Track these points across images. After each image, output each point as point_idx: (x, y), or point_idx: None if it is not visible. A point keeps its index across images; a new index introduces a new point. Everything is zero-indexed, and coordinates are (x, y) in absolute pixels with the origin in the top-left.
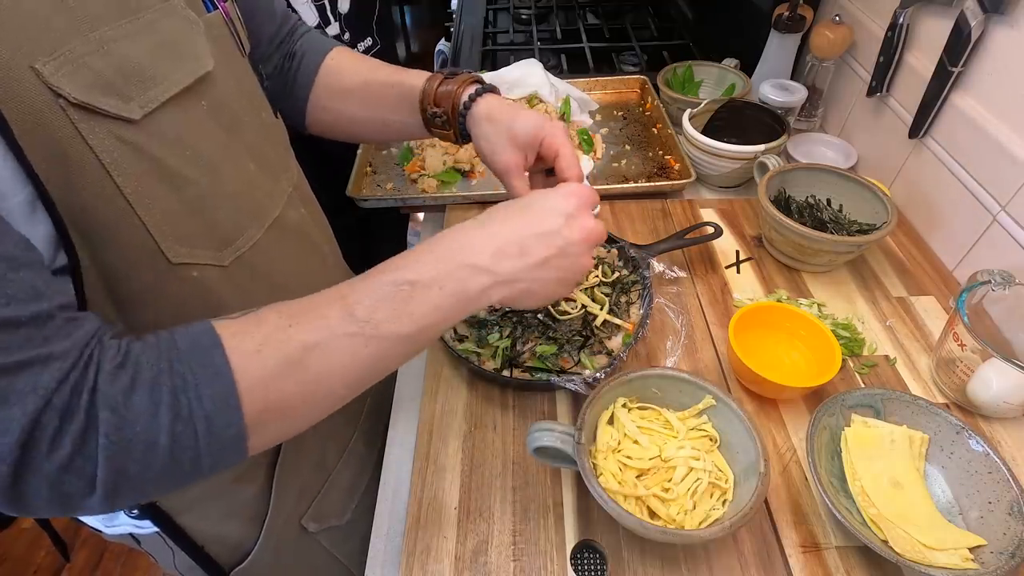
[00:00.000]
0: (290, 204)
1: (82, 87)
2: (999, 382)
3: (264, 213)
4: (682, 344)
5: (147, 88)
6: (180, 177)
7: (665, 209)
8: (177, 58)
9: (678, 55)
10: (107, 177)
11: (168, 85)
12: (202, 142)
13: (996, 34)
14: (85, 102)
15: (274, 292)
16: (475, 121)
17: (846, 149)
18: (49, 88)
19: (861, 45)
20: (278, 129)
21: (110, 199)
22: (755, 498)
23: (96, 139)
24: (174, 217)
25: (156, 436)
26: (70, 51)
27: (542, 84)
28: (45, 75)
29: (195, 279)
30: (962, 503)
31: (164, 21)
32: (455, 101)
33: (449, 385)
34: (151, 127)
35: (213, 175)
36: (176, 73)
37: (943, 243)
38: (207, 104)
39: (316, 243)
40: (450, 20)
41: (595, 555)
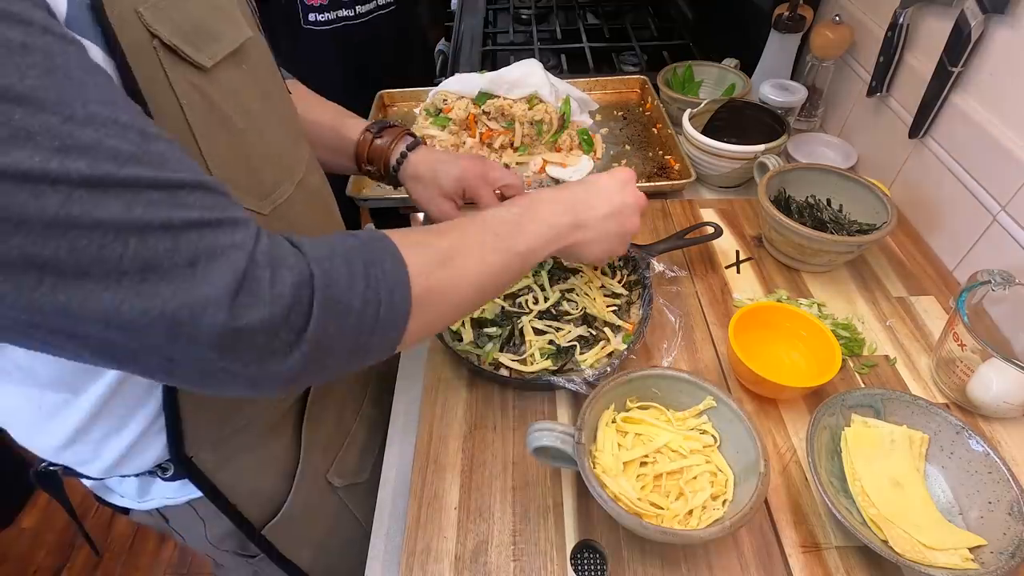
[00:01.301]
0: (310, 169)
1: (170, 32)
2: (999, 382)
3: (294, 172)
4: (682, 344)
5: (211, 42)
6: (235, 128)
7: (665, 209)
8: (228, 21)
9: (678, 55)
10: (183, 117)
11: (225, 43)
12: (249, 99)
13: (996, 34)
14: (174, 44)
15: None
16: (405, 179)
17: (846, 149)
18: (148, 30)
19: (861, 45)
20: (292, 102)
21: (184, 139)
22: (755, 498)
23: (176, 80)
24: (228, 162)
25: (352, 300)
26: (157, 2)
27: (542, 84)
28: (146, 18)
29: None
30: (962, 503)
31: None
32: (386, 161)
33: (449, 385)
34: (216, 77)
35: (258, 130)
36: (230, 34)
37: (943, 243)
38: (247, 68)
39: (331, 209)
40: (450, 20)
41: (595, 555)
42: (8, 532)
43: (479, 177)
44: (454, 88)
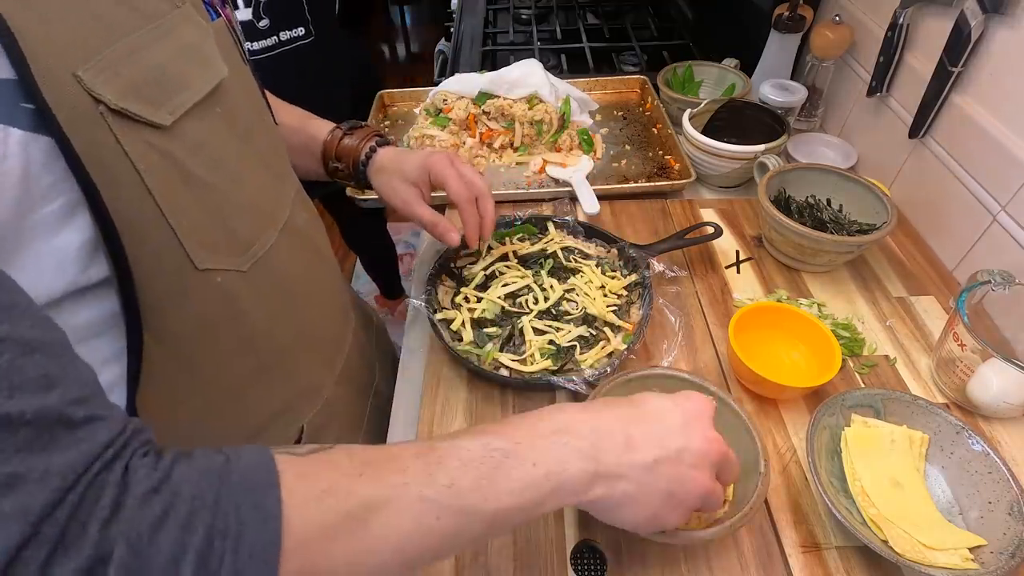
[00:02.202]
0: (295, 209)
1: (118, 93)
2: (999, 382)
3: (276, 218)
4: (682, 344)
5: (173, 95)
6: (204, 183)
7: (665, 209)
8: (197, 64)
9: (678, 55)
10: (140, 183)
11: (192, 92)
12: (221, 149)
13: (996, 34)
14: (122, 108)
15: (288, 296)
16: (372, 174)
17: (846, 149)
18: (90, 95)
19: (861, 45)
20: (279, 136)
21: (143, 205)
22: (755, 498)
23: (131, 146)
24: (199, 223)
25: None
26: (104, 59)
27: (542, 84)
28: (86, 82)
29: (219, 284)
30: (962, 503)
31: (181, 27)
32: (355, 157)
33: (449, 385)
34: (178, 133)
35: (232, 181)
36: (198, 79)
37: (943, 243)
38: (222, 111)
39: (318, 247)
40: (450, 20)
41: (595, 555)
42: None
43: (444, 163)
44: (454, 88)
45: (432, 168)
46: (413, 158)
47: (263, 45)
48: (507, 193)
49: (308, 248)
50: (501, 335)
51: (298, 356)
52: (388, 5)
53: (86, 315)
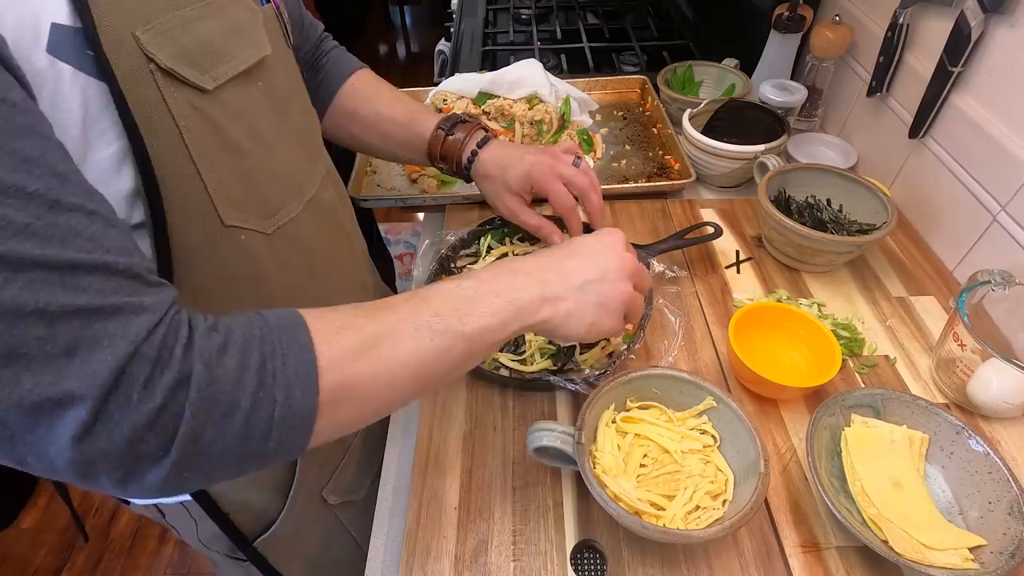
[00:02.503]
0: (323, 186)
1: (170, 56)
2: (999, 382)
3: (303, 190)
4: (682, 344)
5: (218, 63)
6: (238, 148)
7: (665, 209)
8: (243, 40)
9: (678, 55)
10: (180, 140)
11: (236, 63)
12: (258, 120)
13: (996, 34)
14: (172, 68)
15: (309, 265)
16: (477, 179)
17: (846, 149)
18: (144, 54)
19: (861, 45)
20: (315, 118)
21: (180, 161)
22: (755, 498)
23: (175, 104)
24: (230, 183)
25: (239, 399)
26: (161, 24)
27: (542, 84)
28: (143, 42)
29: (243, 242)
30: (962, 503)
31: (232, 8)
32: (458, 158)
33: (449, 385)
34: (220, 98)
35: (266, 150)
36: (242, 53)
37: (943, 243)
38: (263, 85)
39: (343, 223)
40: (450, 20)
41: (595, 555)
42: (8, 532)
43: (547, 173)
44: (454, 88)
45: (536, 183)
46: (516, 167)
47: None
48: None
49: (332, 223)
50: None
51: None
52: (388, 5)
53: None
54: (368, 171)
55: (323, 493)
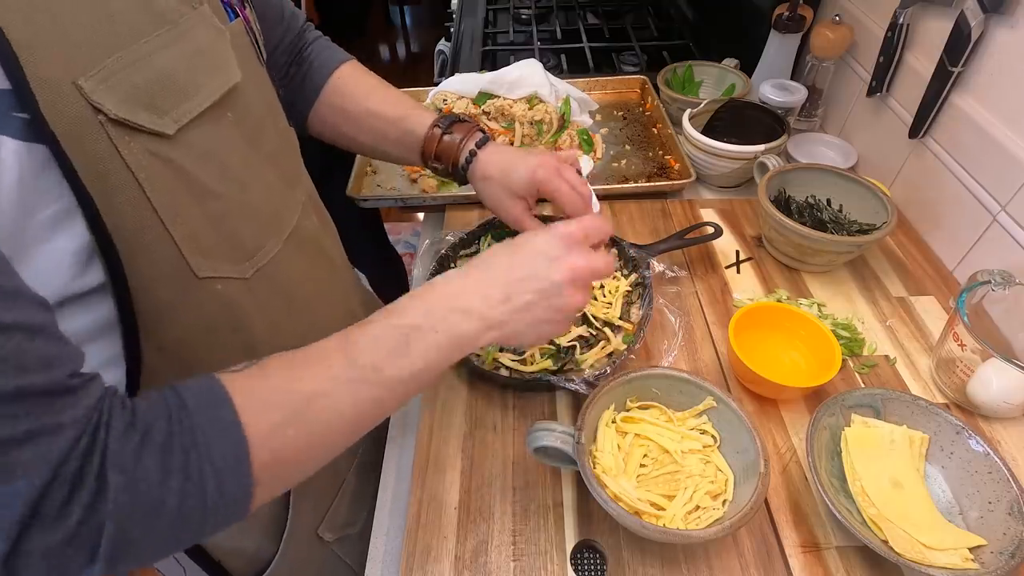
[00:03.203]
0: (304, 214)
1: (120, 102)
2: (999, 382)
3: (283, 225)
4: (682, 344)
5: (181, 101)
6: (208, 191)
7: (665, 209)
8: (209, 69)
9: (678, 55)
10: (140, 192)
11: (200, 98)
12: (229, 155)
13: (996, 34)
14: (123, 118)
15: (292, 303)
16: (474, 180)
17: (846, 149)
18: (90, 104)
19: (861, 45)
20: (292, 136)
21: (142, 214)
22: (755, 498)
23: (130, 154)
24: (200, 232)
25: (164, 497)
26: (110, 66)
27: (542, 84)
28: (87, 91)
29: (219, 292)
30: (962, 503)
31: (196, 30)
32: (455, 159)
33: (449, 385)
34: (183, 142)
35: (239, 188)
36: (209, 85)
37: (943, 243)
38: (232, 115)
39: (326, 250)
40: (450, 20)
41: (595, 555)
42: None
43: (552, 173)
44: (454, 88)
45: (542, 185)
46: (520, 169)
47: None
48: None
49: (316, 253)
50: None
51: None
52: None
53: (84, 319)
54: (368, 171)
55: (318, 531)
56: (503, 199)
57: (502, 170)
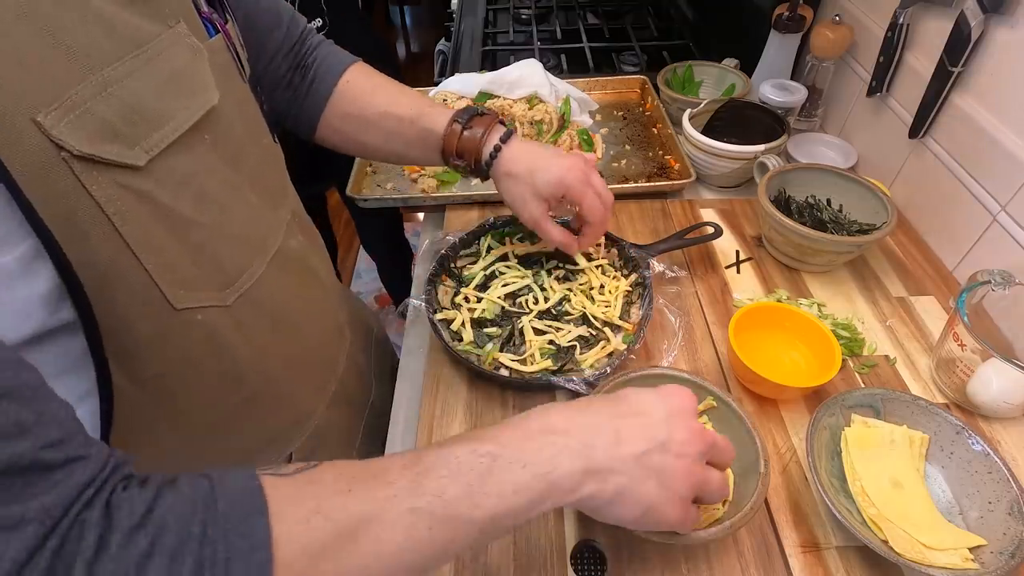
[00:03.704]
0: (289, 233)
1: (85, 137)
2: (999, 382)
3: (266, 247)
4: (682, 344)
5: (153, 130)
6: (185, 221)
7: (665, 209)
8: (184, 93)
9: (678, 55)
10: (110, 227)
11: (175, 125)
12: (207, 180)
13: (996, 34)
14: (88, 153)
15: (277, 324)
16: (498, 177)
17: (846, 149)
18: (51, 140)
19: (861, 45)
20: (277, 154)
21: (114, 249)
22: (755, 498)
23: (99, 189)
24: (178, 263)
25: None
26: (72, 98)
27: (542, 84)
28: (47, 127)
29: (199, 322)
30: (962, 503)
31: (170, 51)
32: (477, 155)
33: (449, 385)
34: (156, 171)
35: (217, 214)
36: (183, 111)
37: (943, 243)
38: (210, 138)
39: (314, 268)
40: (450, 20)
41: (595, 555)
42: None
43: (581, 180)
44: (454, 88)
45: (569, 189)
46: (548, 170)
47: None
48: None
49: (301, 272)
50: (501, 335)
51: (288, 385)
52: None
53: (56, 352)
54: (368, 171)
55: None
56: (527, 199)
57: (529, 169)
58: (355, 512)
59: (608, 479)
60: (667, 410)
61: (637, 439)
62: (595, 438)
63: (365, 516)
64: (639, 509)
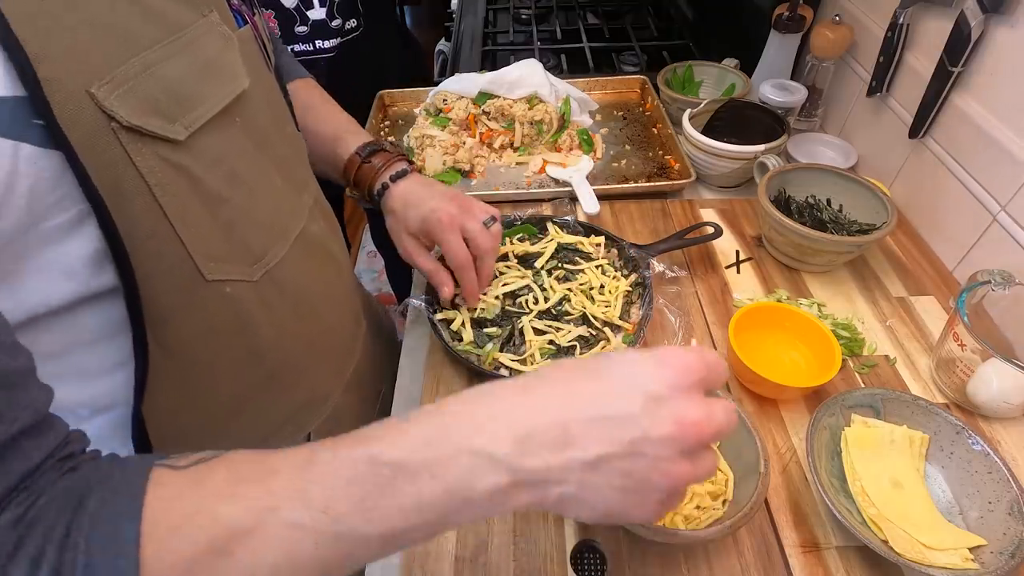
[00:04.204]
0: (311, 218)
1: (132, 110)
2: (999, 382)
3: (290, 229)
4: (682, 344)
5: (190, 109)
6: (217, 196)
7: (665, 209)
8: (217, 77)
9: (678, 55)
10: (151, 198)
11: (210, 105)
12: (237, 161)
13: (996, 34)
14: (135, 124)
15: (298, 306)
16: (384, 212)
17: (846, 149)
18: (103, 112)
19: (861, 45)
20: (300, 143)
21: (153, 219)
22: (755, 498)
23: (142, 160)
24: (210, 237)
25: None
26: (121, 74)
27: (542, 84)
28: (99, 99)
29: (227, 295)
30: (962, 503)
31: (204, 39)
32: (369, 189)
33: (449, 385)
34: (193, 147)
35: (247, 194)
36: (217, 93)
37: (943, 243)
38: (240, 121)
39: (333, 254)
40: (450, 20)
41: (595, 555)
42: None
43: (443, 222)
44: (454, 88)
45: (431, 230)
46: (418, 209)
47: (333, 43)
48: (507, 193)
49: (322, 256)
50: (501, 335)
51: (307, 365)
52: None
53: (96, 319)
54: None
55: None
56: (400, 235)
57: (404, 205)
58: (231, 522)
59: (548, 490)
60: (651, 391)
61: (593, 441)
62: (533, 439)
63: (242, 527)
64: (598, 513)
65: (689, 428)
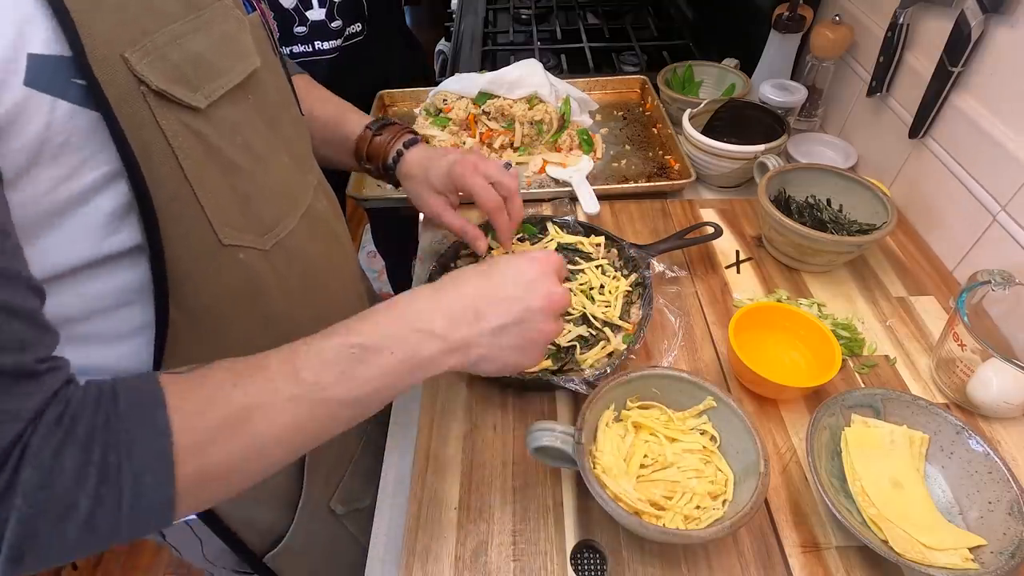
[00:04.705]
0: (316, 196)
1: (161, 76)
2: (999, 382)
3: (298, 203)
4: (682, 344)
5: (210, 80)
6: (233, 165)
7: (665, 209)
8: (233, 54)
9: (678, 55)
10: (174, 160)
11: (227, 78)
12: (250, 134)
13: (996, 34)
14: (163, 89)
15: (306, 277)
16: (401, 179)
17: (846, 149)
18: (135, 76)
19: (861, 45)
20: (304, 126)
21: (175, 181)
22: (755, 498)
23: (167, 124)
24: (226, 202)
25: (77, 498)
26: (151, 43)
27: (542, 84)
28: (132, 63)
29: (241, 261)
30: (962, 503)
31: (220, 19)
32: (383, 158)
33: (449, 385)
34: (212, 116)
35: (259, 166)
36: (234, 68)
37: (943, 243)
38: (253, 99)
39: (338, 234)
40: (450, 20)
41: (595, 555)
42: None
43: (469, 167)
44: (454, 88)
45: (458, 179)
46: (440, 165)
47: (333, 45)
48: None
49: (327, 234)
50: None
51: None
52: None
53: (115, 282)
54: None
55: (330, 504)
56: (424, 195)
57: (423, 167)
58: (242, 402)
59: (469, 352)
60: (528, 279)
61: (495, 314)
62: (457, 318)
63: (251, 404)
64: (500, 366)
65: (555, 299)
